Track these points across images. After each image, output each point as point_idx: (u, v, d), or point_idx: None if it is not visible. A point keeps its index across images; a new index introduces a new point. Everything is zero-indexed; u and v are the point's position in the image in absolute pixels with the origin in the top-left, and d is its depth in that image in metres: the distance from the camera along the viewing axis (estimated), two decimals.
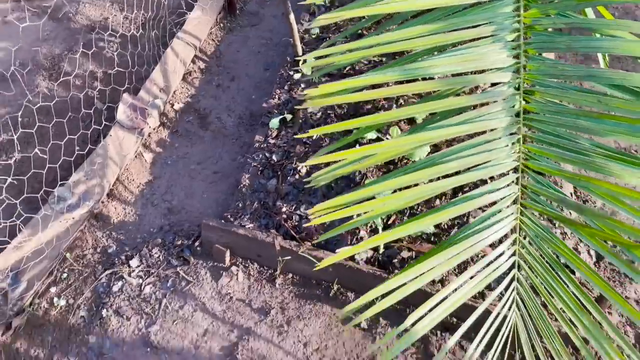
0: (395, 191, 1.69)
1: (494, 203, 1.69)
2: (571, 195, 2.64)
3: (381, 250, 2.22)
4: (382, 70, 1.80)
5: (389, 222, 2.33)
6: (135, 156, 2.87)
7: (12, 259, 2.21)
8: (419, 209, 2.37)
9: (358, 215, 1.61)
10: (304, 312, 2.20)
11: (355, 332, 2.15)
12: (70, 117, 2.93)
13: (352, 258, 2.20)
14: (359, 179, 2.45)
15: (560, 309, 1.57)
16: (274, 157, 2.63)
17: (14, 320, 2.17)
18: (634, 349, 1.47)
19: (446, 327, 2.11)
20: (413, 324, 1.52)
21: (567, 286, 1.59)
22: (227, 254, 2.33)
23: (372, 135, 2.49)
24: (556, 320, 1.62)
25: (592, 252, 2.39)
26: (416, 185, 1.63)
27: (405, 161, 2.51)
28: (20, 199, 2.33)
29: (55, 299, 2.29)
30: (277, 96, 2.97)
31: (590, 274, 1.51)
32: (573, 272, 2.20)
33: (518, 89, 1.74)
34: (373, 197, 1.64)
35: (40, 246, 2.27)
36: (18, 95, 3.07)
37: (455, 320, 2.11)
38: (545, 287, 1.62)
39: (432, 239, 2.29)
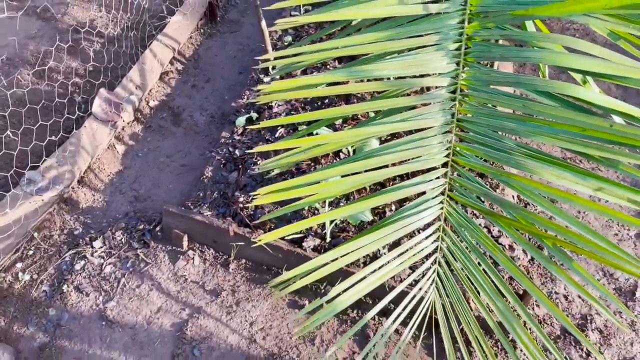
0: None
1: (424, 193, 1.79)
2: (513, 198, 2.75)
3: (328, 239, 2.32)
4: (332, 71, 1.91)
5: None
6: (108, 147, 2.96)
7: None
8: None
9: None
10: (253, 294, 2.29)
11: (299, 314, 2.23)
12: (50, 108, 3.03)
13: (300, 246, 2.29)
14: None
15: (479, 293, 1.67)
16: (237, 152, 2.73)
17: None
18: (549, 338, 1.57)
19: (383, 312, 2.20)
20: (335, 297, 1.60)
21: (487, 273, 1.70)
22: (185, 238, 2.42)
23: (325, 132, 2.60)
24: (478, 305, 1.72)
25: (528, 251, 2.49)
26: (357, 174, 1.73)
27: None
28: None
29: (20, 274, 2.36)
30: (246, 97, 3.08)
31: (511, 265, 1.61)
32: (495, 262, 2.30)
33: (455, 92, 1.85)
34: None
35: (8, 223, 2.35)
36: (4, 87, 3.16)
37: (392, 306, 2.21)
38: (465, 273, 1.72)
39: None
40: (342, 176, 1.75)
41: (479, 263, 1.71)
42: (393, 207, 2.47)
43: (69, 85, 3.22)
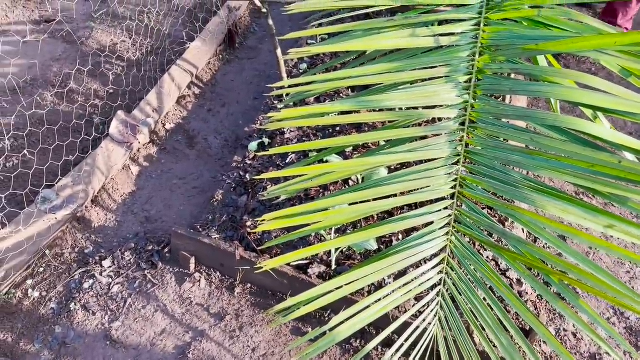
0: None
1: (429, 224, 1.76)
2: (523, 231, 2.70)
3: (333, 266, 2.29)
4: (342, 101, 1.91)
5: None
6: (123, 168, 2.99)
7: None
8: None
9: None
10: (256, 320, 2.26)
11: (299, 341, 2.19)
12: (69, 128, 3.08)
13: (305, 272, 2.27)
14: None
15: (483, 328, 1.63)
16: (247, 176, 2.73)
17: None
18: None
19: (387, 342, 2.15)
20: (336, 326, 1.57)
21: (491, 308, 1.66)
22: (192, 261, 2.41)
23: (335, 159, 2.59)
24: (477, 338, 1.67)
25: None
26: (364, 202, 1.71)
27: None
28: (17, 198, 2.44)
29: (30, 290, 2.37)
30: (259, 122, 3.10)
31: (516, 301, 1.57)
32: (500, 297, 2.24)
33: (463, 124, 1.83)
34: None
35: (21, 241, 2.36)
36: (26, 107, 3.23)
37: (395, 337, 2.16)
38: (469, 306, 1.68)
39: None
40: (350, 204, 1.73)
41: (484, 298, 1.67)
42: (400, 236, 2.44)
43: (88, 107, 3.27)
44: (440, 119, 1.92)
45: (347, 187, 2.62)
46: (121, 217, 2.75)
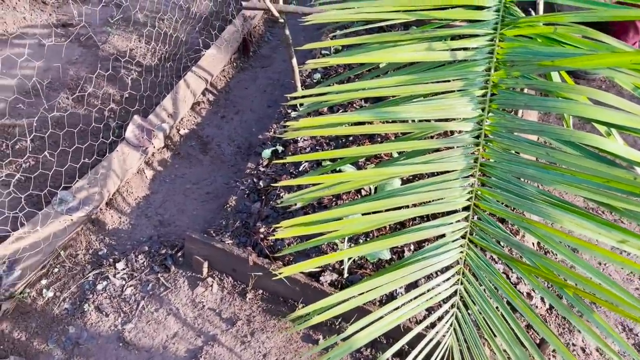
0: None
1: (444, 235, 1.78)
2: (533, 245, 2.71)
3: (345, 275, 2.31)
4: (358, 111, 1.94)
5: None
6: (137, 172, 3.02)
7: (11, 249, 2.33)
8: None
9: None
10: (268, 326, 2.27)
11: (314, 349, 2.21)
12: (86, 131, 3.12)
13: (317, 280, 2.29)
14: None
15: (495, 337, 1.64)
16: (260, 183, 2.76)
17: (4, 304, 2.27)
18: None
19: (398, 353, 2.16)
20: (351, 335, 1.59)
21: (506, 320, 1.67)
22: (205, 265, 2.43)
23: (350, 169, 2.61)
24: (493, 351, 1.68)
25: (546, 300, 2.44)
26: (378, 212, 1.73)
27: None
28: (33, 199, 2.48)
29: (44, 290, 2.39)
30: (273, 130, 3.13)
31: (530, 312, 1.58)
32: (514, 308, 2.25)
33: (478, 137, 1.85)
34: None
35: (38, 240, 2.39)
36: (47, 109, 3.27)
37: (407, 347, 2.17)
38: (482, 315, 1.69)
39: None
40: (364, 214, 1.75)
41: (497, 307, 1.68)
42: (412, 247, 2.46)
43: (106, 111, 3.32)
44: (452, 132, 1.93)
45: (359, 197, 2.64)
46: (135, 220, 2.78)
